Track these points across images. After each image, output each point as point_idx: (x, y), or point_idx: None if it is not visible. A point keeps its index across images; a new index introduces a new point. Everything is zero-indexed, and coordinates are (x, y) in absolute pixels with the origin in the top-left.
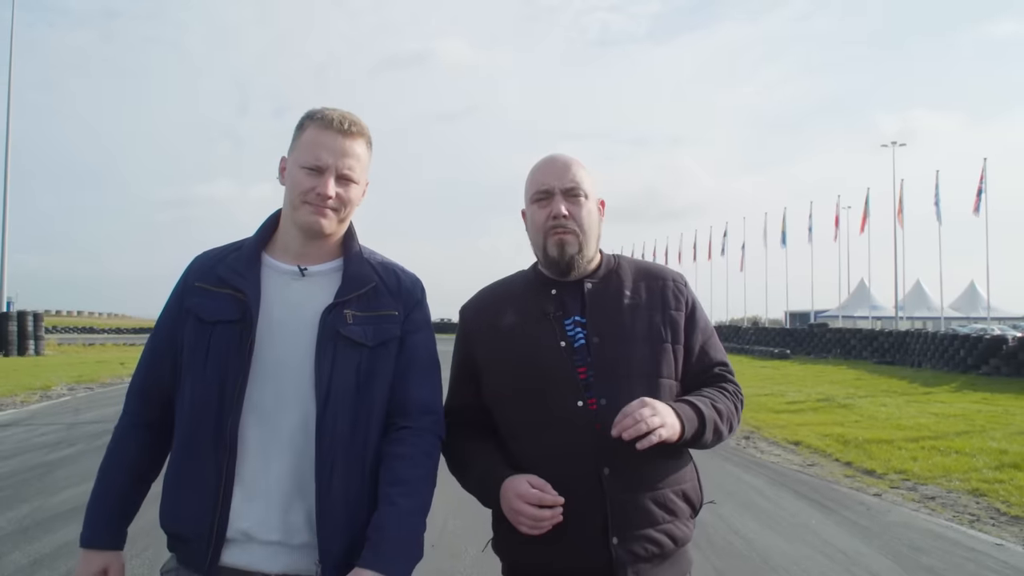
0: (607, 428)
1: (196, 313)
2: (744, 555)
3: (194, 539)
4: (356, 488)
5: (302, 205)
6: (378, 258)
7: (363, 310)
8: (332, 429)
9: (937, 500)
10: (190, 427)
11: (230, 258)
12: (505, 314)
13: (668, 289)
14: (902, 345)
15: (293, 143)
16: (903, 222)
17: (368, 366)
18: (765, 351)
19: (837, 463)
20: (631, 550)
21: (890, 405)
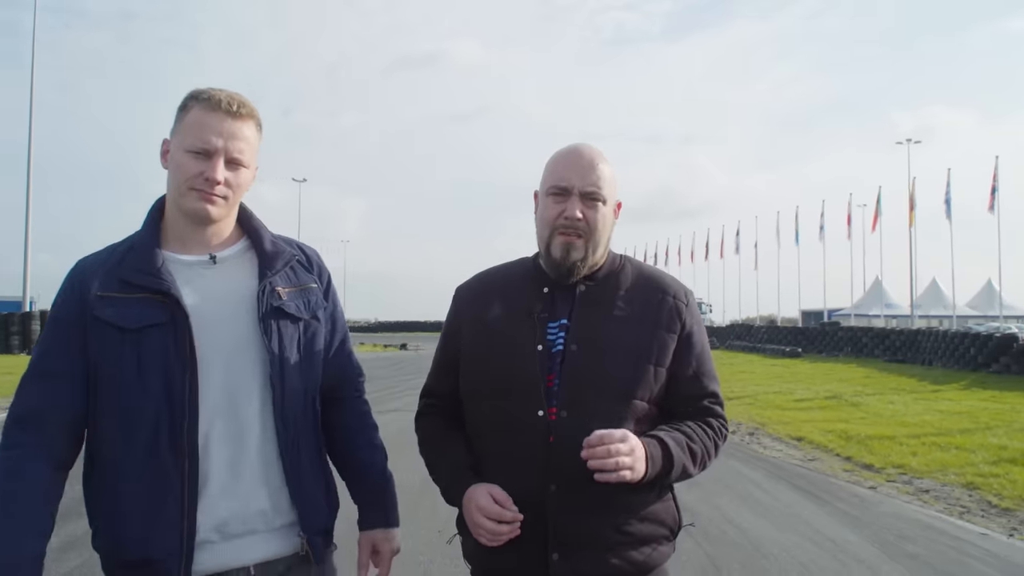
0: (562, 442)
1: (112, 324)
2: (736, 543)
3: (164, 558)
4: (317, 457)
5: (188, 191)
6: (279, 235)
7: (290, 285)
8: (291, 407)
9: (931, 493)
10: (139, 443)
11: (128, 259)
12: (493, 307)
13: (666, 305)
14: (913, 343)
15: (176, 125)
16: (914, 220)
17: (306, 338)
18: (776, 349)
19: (837, 458)
20: (574, 569)
21: (897, 403)
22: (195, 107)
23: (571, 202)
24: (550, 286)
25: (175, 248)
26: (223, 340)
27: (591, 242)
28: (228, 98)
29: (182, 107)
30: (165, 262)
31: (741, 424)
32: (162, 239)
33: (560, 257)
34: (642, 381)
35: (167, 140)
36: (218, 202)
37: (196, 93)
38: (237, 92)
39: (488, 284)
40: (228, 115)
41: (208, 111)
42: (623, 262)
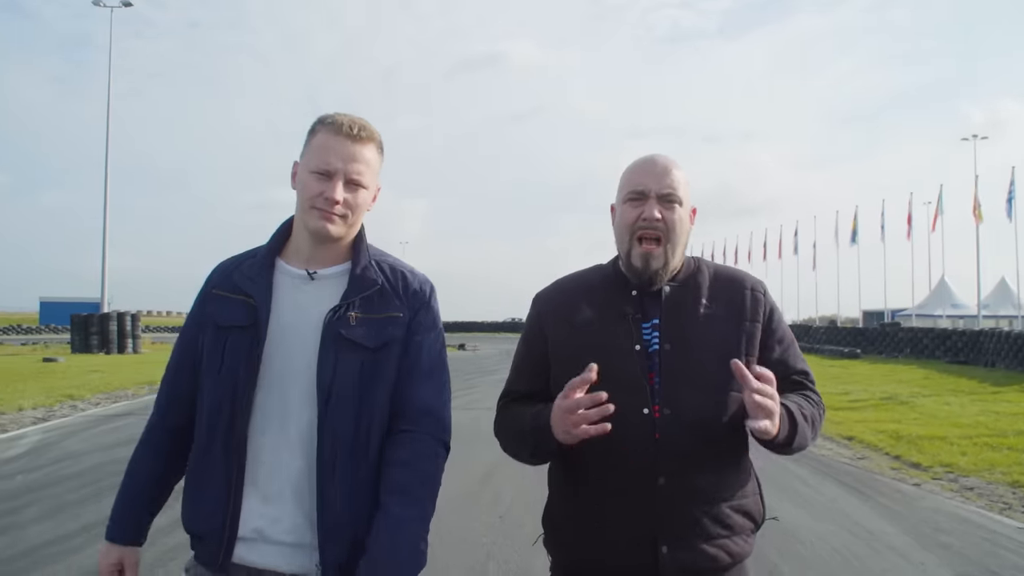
0: (668, 438)
1: (214, 319)
2: (774, 528)
3: (207, 538)
4: (359, 490)
5: (311, 210)
6: (388, 260)
7: (368, 312)
8: (334, 431)
9: (975, 491)
10: (205, 431)
11: (245, 264)
12: (581, 309)
13: (747, 298)
14: (976, 344)
15: (304, 148)
16: (981, 217)
17: (370, 368)
18: (835, 350)
19: (886, 457)
20: (680, 561)
21: (953, 404)
22: (321, 131)
23: (649, 204)
24: (637, 288)
25: (290, 261)
26: (288, 353)
27: (670, 244)
28: (350, 122)
29: (311, 131)
30: (275, 272)
31: None
32: (284, 251)
33: (641, 267)
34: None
35: (296, 163)
36: (337, 220)
37: (322, 118)
38: (360, 117)
39: (571, 289)
40: (349, 139)
41: (332, 135)
42: (698, 263)
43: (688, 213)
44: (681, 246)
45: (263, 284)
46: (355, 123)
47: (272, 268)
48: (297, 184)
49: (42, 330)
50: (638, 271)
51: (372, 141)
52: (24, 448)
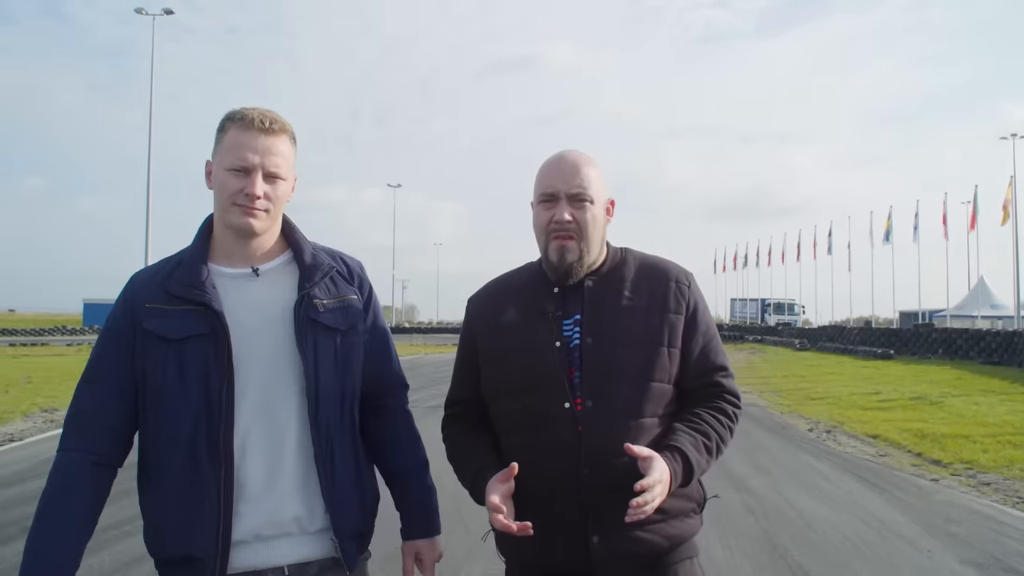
0: (590, 430)
1: (158, 334)
2: (791, 520)
3: (197, 558)
4: (352, 464)
5: (232, 207)
6: (321, 246)
7: (328, 297)
8: (326, 417)
9: (992, 486)
10: (179, 447)
11: (176, 273)
12: (507, 310)
13: (670, 290)
14: (1010, 345)
15: (216, 147)
16: (1008, 217)
17: (343, 350)
18: (868, 351)
19: (909, 454)
20: (612, 549)
21: (982, 404)
22: (231, 128)
23: (559, 207)
24: (560, 286)
25: (221, 262)
26: (261, 351)
27: (584, 242)
28: (261, 116)
29: (220, 128)
30: (210, 275)
31: (820, 422)
32: (210, 254)
33: (556, 260)
34: (657, 364)
35: (209, 162)
36: (260, 215)
37: (231, 114)
38: (269, 109)
39: (498, 290)
40: (262, 132)
41: (243, 130)
42: (624, 254)
43: (602, 209)
44: (596, 242)
45: (208, 289)
46: (266, 116)
47: (207, 272)
48: (214, 183)
49: (86, 331)
50: (554, 265)
51: (285, 132)
52: None
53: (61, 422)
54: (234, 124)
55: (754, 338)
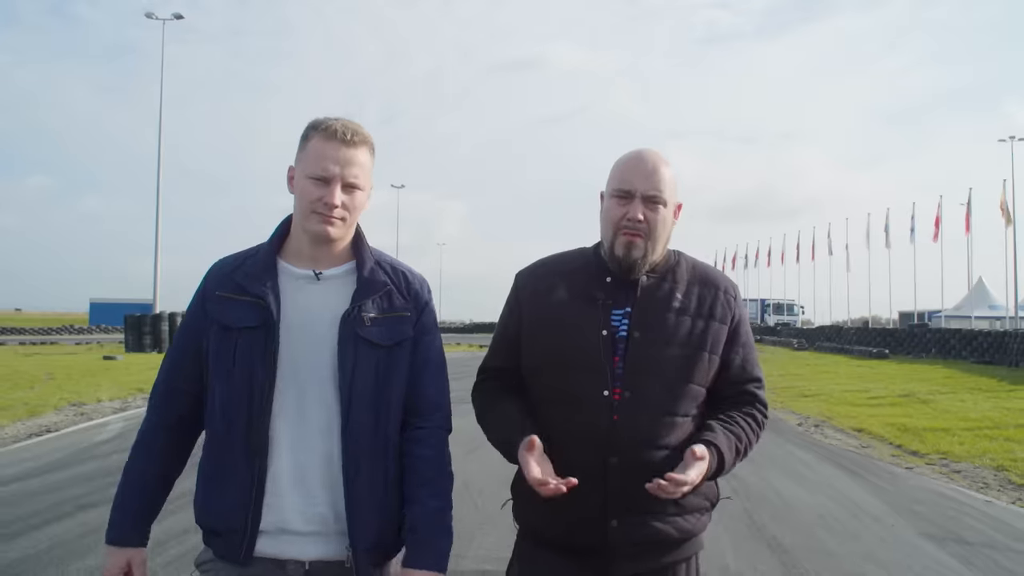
0: (624, 420)
1: (219, 321)
2: (771, 501)
3: (228, 533)
4: (380, 479)
5: (311, 214)
6: (388, 260)
7: (379, 312)
8: (357, 427)
9: (961, 473)
10: (222, 428)
11: (247, 265)
12: (557, 289)
13: (719, 300)
14: (1001, 345)
15: (299, 154)
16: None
17: (386, 366)
18: (864, 351)
19: (890, 446)
20: (629, 535)
21: (968, 401)
22: (315, 137)
23: (634, 205)
24: (612, 276)
25: (292, 261)
26: (305, 353)
27: (651, 241)
28: (343, 128)
29: (304, 137)
30: (279, 272)
31: (809, 417)
32: (283, 251)
33: (622, 255)
34: (697, 367)
35: (292, 167)
36: (336, 224)
37: (315, 123)
38: (352, 121)
39: (550, 269)
40: (343, 144)
41: (326, 140)
42: (678, 257)
43: (672, 212)
44: (662, 243)
45: (270, 284)
46: (348, 128)
47: (275, 268)
48: (295, 189)
49: (93, 330)
50: (619, 259)
51: (365, 144)
52: (112, 433)
53: (90, 415)
54: (317, 134)
55: (754, 338)
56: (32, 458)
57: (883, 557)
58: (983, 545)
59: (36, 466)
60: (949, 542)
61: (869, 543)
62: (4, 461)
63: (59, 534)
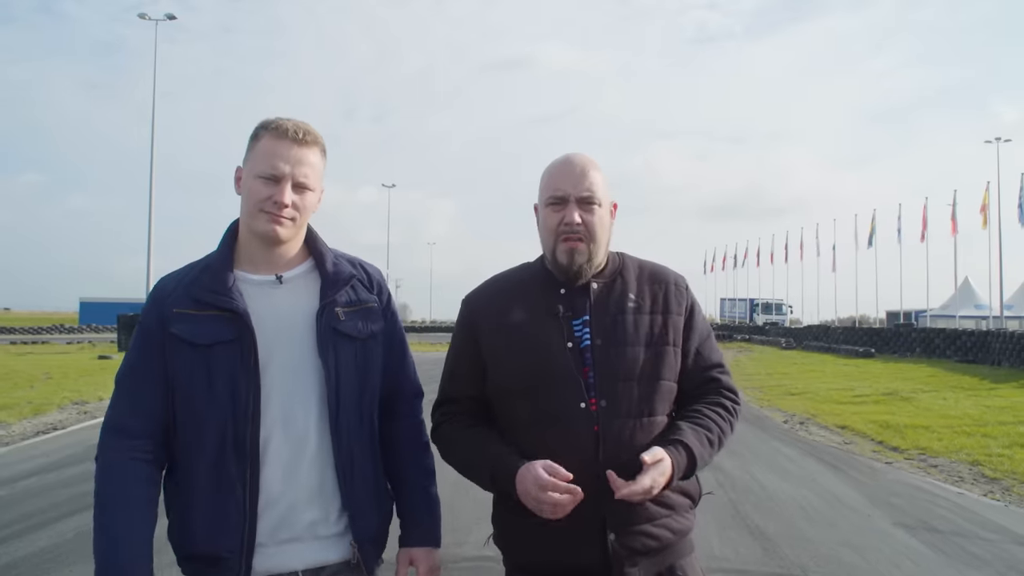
0: (606, 429)
1: (185, 339)
2: (755, 493)
3: (228, 555)
4: (371, 471)
5: (259, 214)
6: (343, 254)
7: (348, 305)
8: (346, 423)
9: (938, 468)
10: (207, 449)
11: (203, 279)
12: (514, 310)
13: (671, 292)
14: (984, 344)
15: (248, 154)
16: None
17: (363, 358)
18: (851, 350)
19: (871, 442)
20: (628, 545)
21: (949, 399)
22: (265, 136)
23: (569, 209)
24: (566, 287)
25: (246, 268)
26: (284, 356)
27: (593, 243)
28: (295, 127)
29: (253, 136)
30: (236, 281)
31: (794, 415)
32: (235, 259)
33: (567, 262)
34: (665, 363)
35: (240, 168)
36: (286, 223)
37: (265, 123)
38: (303, 121)
39: (499, 288)
40: (294, 143)
41: (276, 139)
42: (622, 258)
43: (608, 212)
44: (604, 244)
45: (235, 295)
46: (299, 127)
47: (232, 278)
48: (243, 189)
49: (83, 329)
50: (564, 266)
51: (316, 145)
52: None
53: (93, 413)
54: (267, 133)
55: (742, 337)
56: (43, 455)
57: (857, 543)
58: (952, 533)
59: (49, 462)
60: (921, 530)
61: (845, 531)
62: (18, 457)
63: (81, 525)
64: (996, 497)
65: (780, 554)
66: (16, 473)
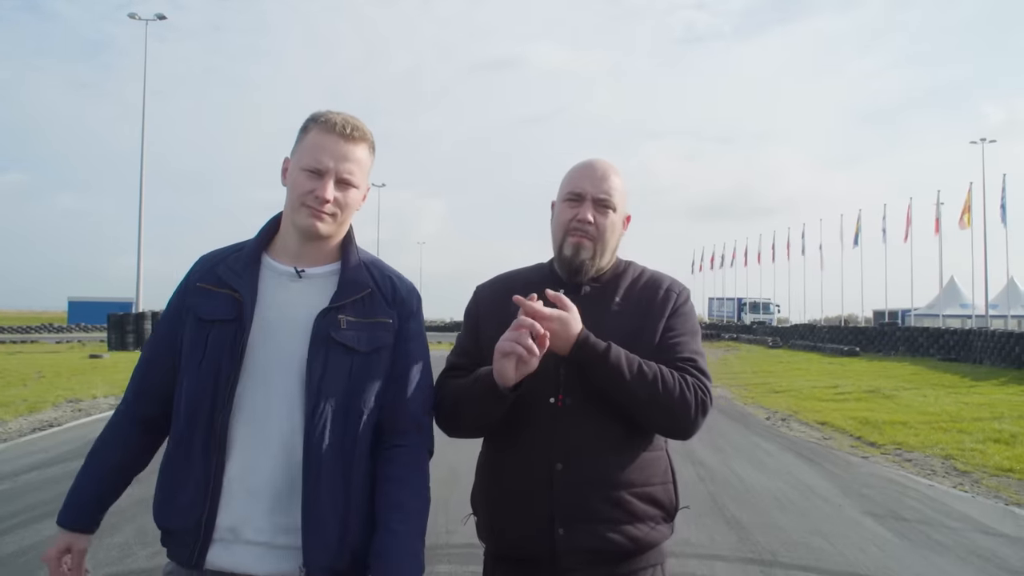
0: (566, 426)
1: (195, 312)
2: (734, 485)
3: (181, 533)
4: (341, 494)
5: (301, 207)
6: (377, 264)
7: (357, 316)
8: (321, 433)
9: (912, 462)
10: (184, 424)
11: (231, 258)
12: (511, 304)
13: (657, 296)
14: (966, 343)
15: (296, 145)
16: (969, 222)
17: (360, 372)
18: (836, 349)
19: (850, 437)
20: (576, 542)
21: (929, 396)
22: (313, 129)
23: (584, 207)
24: (564, 288)
25: (277, 257)
26: (275, 351)
27: (599, 244)
28: (343, 121)
29: (303, 128)
30: (261, 267)
31: (777, 412)
32: (271, 247)
33: (570, 256)
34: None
35: (287, 159)
36: (326, 219)
37: (316, 116)
38: (354, 116)
39: (506, 283)
40: (342, 137)
41: (324, 133)
42: (626, 266)
43: (621, 219)
44: (610, 248)
45: (248, 279)
46: (348, 122)
47: (258, 263)
48: (288, 181)
49: (72, 329)
50: (567, 260)
51: (364, 141)
52: None
53: (88, 411)
54: (316, 126)
55: (729, 336)
56: (42, 451)
57: (827, 530)
58: (918, 521)
59: (49, 457)
60: (888, 519)
61: (816, 520)
62: (18, 453)
63: None
64: (965, 489)
65: (753, 540)
66: (18, 467)
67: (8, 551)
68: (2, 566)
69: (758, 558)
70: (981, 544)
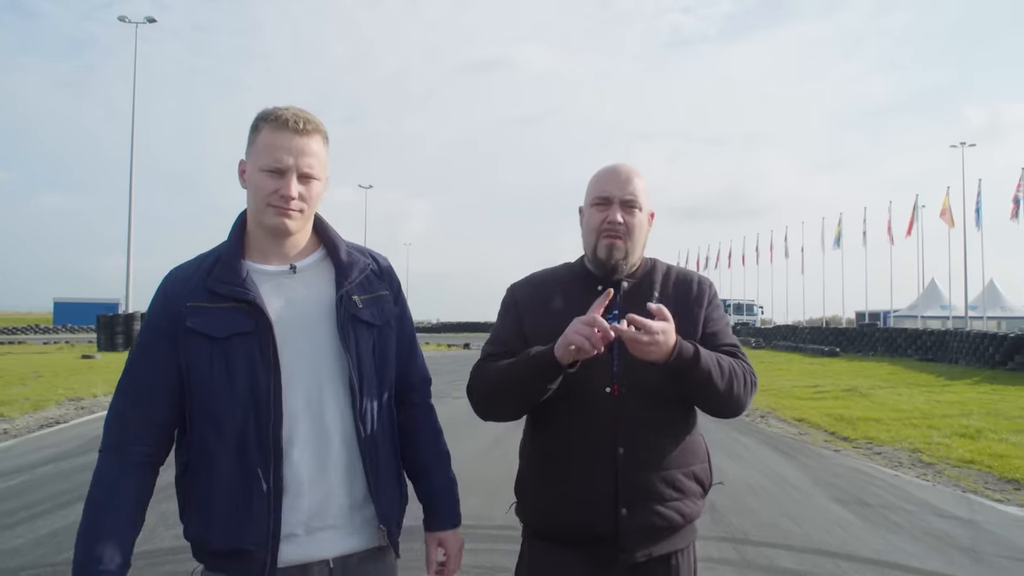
0: (626, 413)
1: (203, 332)
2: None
3: (248, 552)
4: (392, 457)
5: (267, 208)
6: (353, 244)
7: (363, 293)
8: (369, 411)
9: (881, 455)
10: (229, 443)
11: (215, 271)
12: (554, 298)
13: (692, 289)
14: (943, 343)
15: (249, 147)
16: (952, 223)
17: (381, 344)
18: (816, 349)
19: (824, 433)
20: (638, 522)
21: (904, 394)
22: (264, 128)
23: (612, 209)
24: (602, 284)
25: (257, 259)
26: (304, 346)
27: (630, 242)
28: (294, 116)
29: (253, 128)
30: (249, 273)
31: (756, 409)
32: (245, 250)
33: (605, 256)
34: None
35: (243, 161)
36: (294, 216)
37: (264, 114)
38: (303, 109)
39: (542, 280)
40: (296, 133)
41: (277, 131)
42: (654, 262)
43: (647, 217)
44: (640, 246)
45: (251, 286)
46: (299, 116)
47: (245, 269)
48: (248, 183)
49: (59, 330)
50: (602, 261)
51: (318, 133)
52: None
53: (91, 408)
54: (267, 124)
55: None
56: (52, 445)
57: (795, 513)
58: (881, 506)
59: (60, 451)
60: (853, 504)
61: (786, 505)
62: (29, 448)
63: None
64: (927, 478)
65: (726, 522)
66: (33, 461)
67: (42, 533)
68: (39, 545)
69: (731, 536)
70: (935, 525)
